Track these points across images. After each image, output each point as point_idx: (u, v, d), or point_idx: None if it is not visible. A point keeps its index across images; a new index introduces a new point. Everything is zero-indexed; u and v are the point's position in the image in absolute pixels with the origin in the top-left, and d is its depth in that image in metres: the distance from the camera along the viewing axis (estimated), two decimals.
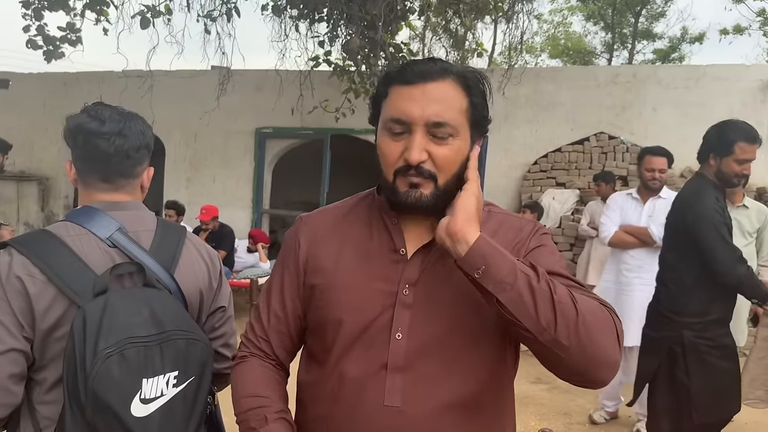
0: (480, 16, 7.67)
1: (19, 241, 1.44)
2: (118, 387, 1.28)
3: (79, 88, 10.50)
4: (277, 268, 1.38)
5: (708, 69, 8.22)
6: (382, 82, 1.27)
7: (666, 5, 20.29)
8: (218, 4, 6.54)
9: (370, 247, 1.28)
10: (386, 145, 1.22)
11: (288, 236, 1.38)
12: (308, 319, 1.32)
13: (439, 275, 1.23)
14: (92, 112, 1.54)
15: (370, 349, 1.21)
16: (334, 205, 1.41)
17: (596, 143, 8.33)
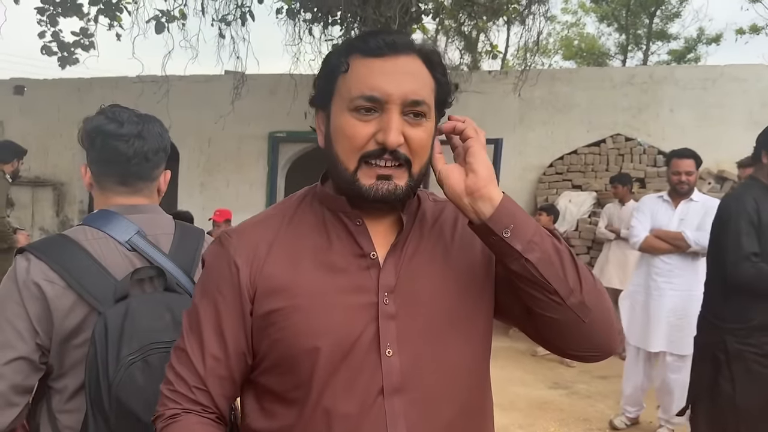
0: (494, 18, 7.61)
1: (36, 246, 1.41)
2: (142, 394, 1.25)
3: (93, 93, 10.56)
4: (203, 300, 1.10)
5: (726, 69, 8.11)
6: (337, 53, 1.08)
7: (681, 6, 20.11)
8: (232, 8, 6.53)
9: (331, 255, 1.09)
10: (351, 126, 1.04)
11: (215, 258, 1.12)
12: (264, 355, 1.08)
13: (416, 276, 1.10)
14: (110, 114, 1.51)
15: (360, 375, 1.04)
16: (267, 213, 1.18)
17: (613, 145, 8.25)
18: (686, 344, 4.13)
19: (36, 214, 10.86)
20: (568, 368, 6.14)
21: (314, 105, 1.14)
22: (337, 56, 1.08)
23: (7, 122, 10.85)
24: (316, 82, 1.12)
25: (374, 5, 6.06)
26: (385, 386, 1.03)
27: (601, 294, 1.08)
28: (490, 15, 7.58)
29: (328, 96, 1.09)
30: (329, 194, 1.14)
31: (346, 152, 1.05)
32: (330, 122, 1.08)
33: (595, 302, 1.05)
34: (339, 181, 1.09)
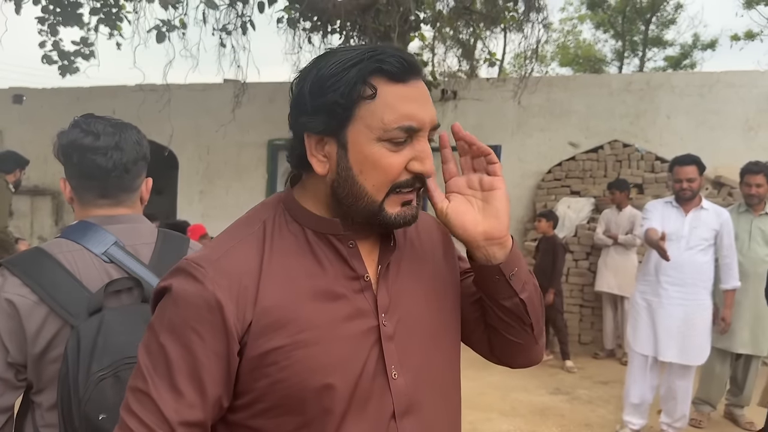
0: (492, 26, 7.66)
1: (11, 261, 1.39)
2: (112, 411, 1.21)
3: (93, 102, 10.57)
4: (174, 341, 0.96)
5: (722, 76, 8.17)
6: (354, 75, 0.96)
7: (676, 12, 20.26)
8: (233, 17, 6.58)
9: (328, 282, 1.01)
10: (386, 158, 0.98)
11: (189, 295, 0.96)
12: (256, 397, 0.98)
13: (405, 293, 1.08)
14: (85, 126, 1.47)
15: (370, 402, 1.00)
16: (236, 240, 1.03)
17: (611, 151, 8.29)
18: (694, 354, 4.18)
19: (35, 223, 10.87)
20: (569, 374, 6.16)
21: (310, 131, 1.01)
22: (355, 78, 0.96)
23: (6, 131, 10.87)
24: (312, 103, 0.98)
25: (374, 14, 6.12)
26: (396, 410, 1.01)
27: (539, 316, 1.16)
28: (488, 23, 7.63)
29: (341, 122, 0.98)
30: (313, 214, 1.05)
31: (377, 185, 0.99)
32: (348, 152, 0.99)
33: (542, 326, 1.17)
34: (358, 211, 1.02)
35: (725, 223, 4.21)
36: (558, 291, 6.45)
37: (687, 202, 4.25)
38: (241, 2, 6.39)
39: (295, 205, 1.07)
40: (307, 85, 0.99)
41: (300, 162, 1.05)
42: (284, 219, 1.06)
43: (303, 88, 1.00)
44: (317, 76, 0.98)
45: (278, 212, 1.07)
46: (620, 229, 6.64)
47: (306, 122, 1.00)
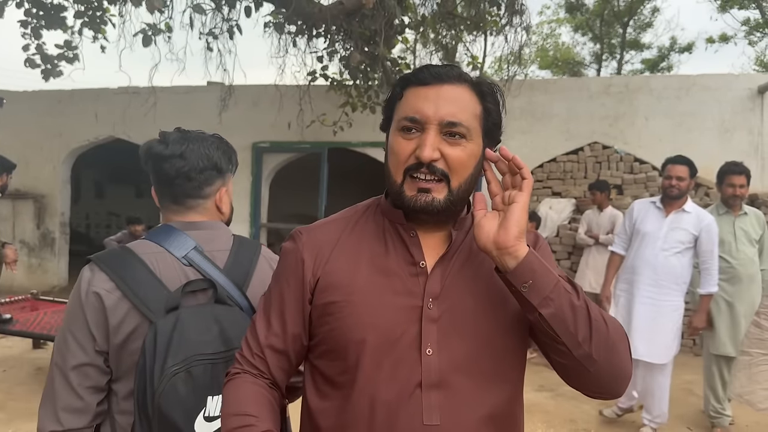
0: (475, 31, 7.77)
1: (101, 257, 1.50)
2: (183, 404, 1.32)
3: (74, 105, 10.53)
4: (275, 285, 1.28)
5: (698, 79, 8.37)
6: (397, 85, 1.25)
7: (653, 16, 20.59)
8: (219, 21, 6.61)
9: (388, 261, 1.21)
10: (398, 144, 1.19)
11: (287, 252, 1.28)
12: (320, 340, 1.22)
13: (460, 287, 1.20)
14: (161, 136, 1.59)
15: (400, 368, 1.15)
16: (334, 217, 1.32)
17: (590, 153, 8.45)
18: (658, 353, 4.28)
19: (17, 226, 10.78)
20: (553, 371, 6.27)
21: (383, 130, 1.28)
22: (398, 87, 1.24)
23: None
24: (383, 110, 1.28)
25: (359, 19, 6.19)
26: (423, 380, 1.14)
27: (615, 348, 1.14)
28: (470, 27, 7.74)
29: (387, 122, 1.25)
30: (389, 205, 1.26)
31: (394, 166, 1.20)
32: (388, 141, 1.24)
33: (605, 355, 1.12)
34: (391, 192, 1.22)
35: (706, 228, 4.23)
36: None
37: (671, 202, 4.33)
38: (227, 6, 6.43)
39: (383, 201, 1.30)
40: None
41: None
42: (374, 210, 1.30)
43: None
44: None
45: (373, 205, 1.32)
46: (601, 229, 6.78)
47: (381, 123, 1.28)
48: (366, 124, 8.05)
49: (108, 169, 15.82)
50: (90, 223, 17.32)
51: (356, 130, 8.30)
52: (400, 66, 7.58)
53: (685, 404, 5.31)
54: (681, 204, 4.34)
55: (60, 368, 1.44)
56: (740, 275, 4.48)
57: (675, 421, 4.77)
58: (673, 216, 4.31)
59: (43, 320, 5.57)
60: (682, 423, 4.82)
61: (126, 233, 7.83)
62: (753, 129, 8.14)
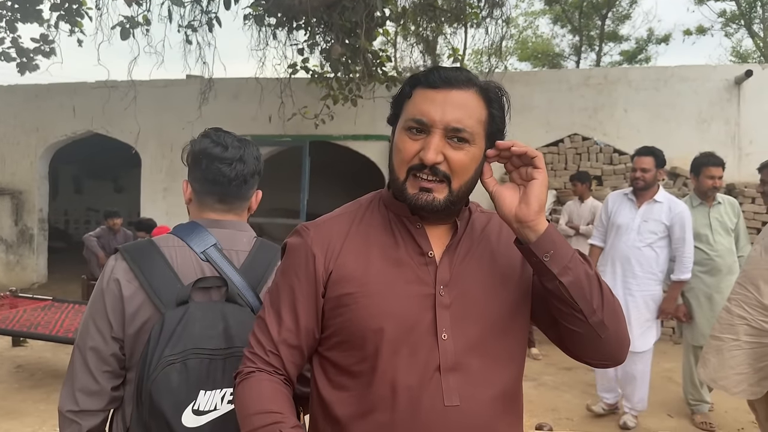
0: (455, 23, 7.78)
1: (126, 247, 1.57)
2: (173, 395, 1.34)
3: (51, 100, 10.39)
4: (283, 281, 1.29)
5: (676, 70, 8.45)
6: (407, 83, 1.28)
7: (631, 7, 20.73)
8: (198, 14, 6.54)
9: (398, 252, 1.26)
10: (403, 142, 1.23)
11: (295, 247, 1.30)
12: (333, 332, 1.25)
13: (467, 274, 1.27)
14: (215, 138, 1.64)
15: (419, 353, 1.20)
16: (338, 212, 1.35)
17: (570, 145, 8.51)
18: (640, 342, 4.34)
19: None
20: (535, 361, 6.34)
21: (390, 123, 1.32)
22: (407, 85, 1.27)
23: None
24: (392, 105, 1.31)
25: (339, 11, 6.16)
26: (441, 364, 1.20)
27: (619, 316, 1.26)
28: (450, 20, 7.74)
29: (395, 117, 1.29)
30: (395, 200, 1.29)
31: (398, 163, 1.24)
32: (393, 137, 1.28)
33: (613, 323, 1.24)
34: (394, 187, 1.27)
35: (677, 216, 4.28)
36: None
37: (641, 193, 4.39)
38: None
39: (386, 194, 1.33)
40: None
41: None
42: (377, 204, 1.33)
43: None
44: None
45: (376, 199, 1.35)
46: (582, 219, 6.84)
47: (389, 117, 1.32)
48: (348, 116, 8.04)
49: (86, 165, 15.66)
50: (69, 219, 17.14)
51: (338, 123, 8.28)
52: (381, 58, 7.57)
53: (666, 391, 5.39)
54: (652, 194, 4.38)
55: (80, 350, 1.51)
56: (719, 266, 4.53)
57: (656, 409, 4.84)
58: (645, 207, 4.37)
59: (23, 318, 5.51)
60: (662, 410, 4.90)
61: (105, 228, 7.76)
62: (730, 119, 8.24)
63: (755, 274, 3.19)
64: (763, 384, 3.13)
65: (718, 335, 3.32)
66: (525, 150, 1.20)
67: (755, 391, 3.18)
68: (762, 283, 3.13)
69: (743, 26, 20.22)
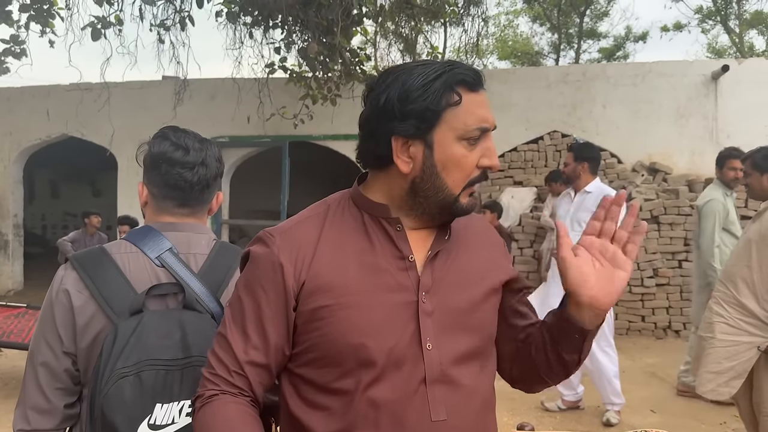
0: (433, 20, 7.75)
1: (76, 256, 1.47)
2: (127, 409, 1.26)
3: (24, 103, 10.21)
4: (247, 294, 1.16)
5: (654, 66, 8.49)
6: (446, 87, 1.12)
7: (609, 5, 20.87)
8: (171, 13, 6.44)
9: (375, 257, 1.16)
10: (464, 156, 1.13)
11: (259, 257, 1.17)
12: (307, 348, 1.15)
13: (446, 280, 1.19)
14: (175, 140, 1.54)
15: (403, 366, 1.12)
16: (305, 215, 1.23)
17: (550, 141, 8.51)
18: None
19: None
20: None
21: (399, 134, 1.13)
22: (443, 88, 1.11)
23: None
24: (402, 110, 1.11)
25: (315, 8, 6.09)
26: (427, 376, 1.13)
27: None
28: (428, 17, 7.71)
29: (430, 126, 1.12)
30: (370, 200, 1.20)
31: (457, 180, 1.15)
32: (433, 152, 1.13)
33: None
34: (436, 202, 1.16)
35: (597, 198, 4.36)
36: None
37: (573, 186, 4.59)
38: None
39: (357, 194, 1.22)
40: (394, 94, 1.12)
41: (377, 161, 1.18)
42: (347, 204, 1.22)
43: (389, 96, 1.12)
44: (404, 87, 1.12)
45: (343, 199, 1.24)
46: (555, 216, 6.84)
47: (395, 127, 1.13)
48: (327, 116, 7.97)
49: (63, 168, 15.44)
50: (46, 224, 16.90)
51: (317, 123, 8.20)
52: (360, 57, 7.51)
53: (649, 387, 5.39)
54: (581, 186, 4.54)
55: (32, 366, 1.43)
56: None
57: (639, 404, 4.83)
58: (578, 198, 4.55)
59: None
60: (645, 405, 4.89)
61: (80, 232, 7.65)
62: (708, 114, 8.29)
63: (734, 271, 3.18)
64: (732, 384, 3.10)
65: (702, 334, 3.31)
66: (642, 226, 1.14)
67: (723, 392, 3.16)
68: (740, 281, 3.11)
69: (719, 22, 20.44)
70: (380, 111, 1.14)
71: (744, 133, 7.76)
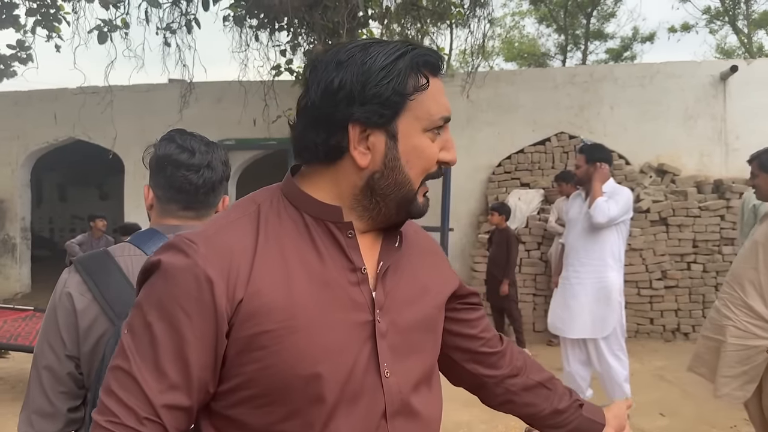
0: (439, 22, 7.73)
1: (80, 259, 1.47)
2: None
3: (32, 107, 10.25)
4: (159, 318, 0.91)
5: (661, 67, 8.43)
6: (412, 68, 0.97)
7: (616, 6, 20.80)
8: (177, 16, 6.45)
9: (324, 269, 0.97)
10: (429, 147, 1.00)
11: (178, 270, 0.91)
12: (242, 383, 0.94)
13: (397, 295, 1.04)
14: (180, 142, 1.53)
15: (360, 399, 0.96)
16: (232, 218, 1.00)
17: (557, 143, 8.47)
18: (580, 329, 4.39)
19: None
20: None
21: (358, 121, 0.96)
22: (408, 70, 0.96)
23: None
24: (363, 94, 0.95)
25: (321, 11, 6.09)
26: (387, 409, 0.98)
27: None
28: (434, 19, 7.69)
29: (395, 112, 0.97)
30: (315, 200, 1.01)
31: (418, 173, 1.01)
32: (398, 142, 0.98)
33: None
34: (396, 200, 1.01)
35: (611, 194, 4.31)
36: (512, 281, 6.56)
37: (584, 187, 4.48)
38: (185, 0, 6.28)
39: (296, 191, 1.02)
40: (350, 76, 0.95)
41: (326, 154, 0.99)
42: (282, 204, 1.02)
43: (344, 79, 0.95)
44: (363, 68, 0.95)
45: (275, 197, 1.03)
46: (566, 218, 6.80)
47: (354, 112, 0.95)
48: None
49: (70, 172, 15.50)
50: (54, 227, 16.96)
51: None
52: None
53: (658, 390, 5.34)
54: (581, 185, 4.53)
55: (36, 369, 1.43)
56: None
57: (648, 407, 4.78)
58: (589, 197, 4.44)
59: (3, 328, 5.41)
60: (654, 409, 4.84)
61: (87, 235, 7.67)
62: (716, 115, 8.23)
63: (741, 273, 3.15)
64: (746, 388, 3.10)
65: (711, 335, 3.28)
66: None
67: (738, 396, 3.15)
68: (747, 283, 3.09)
69: (727, 23, 20.33)
70: (333, 94, 0.95)
71: (753, 134, 7.70)
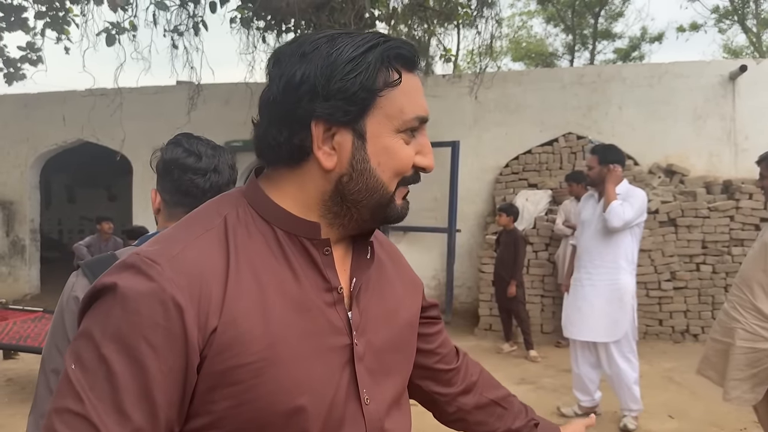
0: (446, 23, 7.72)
1: (87, 263, 1.47)
2: None
3: (41, 109, 10.30)
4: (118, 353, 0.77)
5: (670, 67, 8.39)
6: (382, 62, 0.87)
7: (624, 5, 20.72)
8: (185, 18, 6.48)
9: (300, 290, 0.88)
10: (402, 149, 0.90)
11: (139, 296, 0.78)
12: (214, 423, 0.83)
13: (371, 314, 0.97)
14: (187, 146, 1.54)
15: (342, 430, 0.89)
16: (195, 233, 0.88)
17: (565, 144, 8.45)
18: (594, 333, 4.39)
19: None
20: (533, 363, 6.25)
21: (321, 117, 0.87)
22: (378, 63, 0.87)
23: None
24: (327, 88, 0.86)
25: (328, 12, 6.10)
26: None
27: None
28: (441, 19, 7.69)
29: (362, 110, 0.88)
30: (288, 213, 0.91)
31: (391, 176, 0.91)
32: (366, 142, 0.89)
33: None
34: (368, 206, 0.92)
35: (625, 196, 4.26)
36: (520, 282, 6.54)
37: (596, 188, 4.46)
38: (192, 2, 6.31)
39: (264, 201, 0.92)
40: (314, 69, 0.86)
41: (289, 155, 0.90)
42: (249, 216, 0.91)
43: (308, 71, 0.86)
44: (329, 60, 0.86)
45: (241, 207, 0.92)
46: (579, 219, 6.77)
47: (317, 108, 0.86)
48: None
49: (79, 173, 15.57)
50: (62, 229, 17.03)
51: None
52: None
53: (666, 391, 5.31)
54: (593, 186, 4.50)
55: (44, 373, 1.43)
56: None
57: (657, 409, 4.76)
58: (603, 200, 4.40)
59: (13, 330, 5.43)
60: (663, 411, 4.81)
61: (95, 237, 7.70)
62: (725, 115, 8.19)
63: (750, 275, 3.13)
64: (756, 390, 3.08)
65: (719, 338, 3.26)
66: None
67: (748, 399, 3.14)
68: (756, 285, 3.07)
69: (736, 22, 20.22)
70: (295, 88, 0.86)
71: (762, 134, 7.66)
